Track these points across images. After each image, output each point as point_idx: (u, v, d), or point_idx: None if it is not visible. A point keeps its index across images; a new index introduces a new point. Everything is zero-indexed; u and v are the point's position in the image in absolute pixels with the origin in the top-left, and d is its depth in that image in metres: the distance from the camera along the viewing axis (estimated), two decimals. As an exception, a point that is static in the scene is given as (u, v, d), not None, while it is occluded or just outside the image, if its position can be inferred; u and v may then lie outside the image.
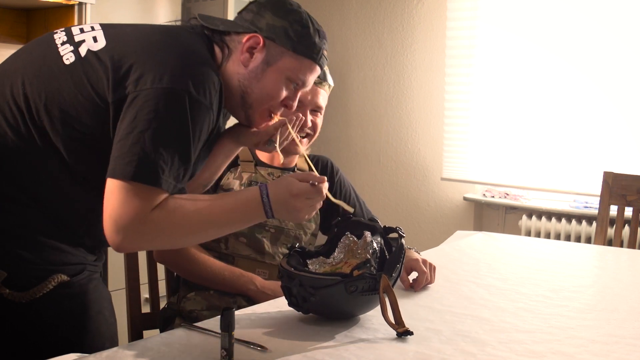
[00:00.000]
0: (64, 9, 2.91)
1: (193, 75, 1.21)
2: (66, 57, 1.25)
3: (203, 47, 1.30)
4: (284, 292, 1.34)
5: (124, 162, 1.15)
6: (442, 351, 1.18)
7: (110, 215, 1.15)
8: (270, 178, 1.84)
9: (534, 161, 3.32)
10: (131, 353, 1.13)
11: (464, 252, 2.08)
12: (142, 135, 1.15)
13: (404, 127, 3.80)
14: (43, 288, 1.24)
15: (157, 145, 1.16)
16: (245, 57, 1.32)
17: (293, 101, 1.39)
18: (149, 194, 1.16)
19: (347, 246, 1.43)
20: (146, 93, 1.17)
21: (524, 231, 3.35)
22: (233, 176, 1.81)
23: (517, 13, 3.32)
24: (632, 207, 2.48)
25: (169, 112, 1.17)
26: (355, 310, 1.33)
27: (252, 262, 1.76)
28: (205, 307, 1.70)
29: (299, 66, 1.33)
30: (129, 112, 1.17)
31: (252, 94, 1.34)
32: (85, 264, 1.32)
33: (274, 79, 1.33)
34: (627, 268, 2.02)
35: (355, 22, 3.93)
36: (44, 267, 1.25)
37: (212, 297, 1.73)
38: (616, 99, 3.10)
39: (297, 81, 1.35)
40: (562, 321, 1.39)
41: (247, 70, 1.32)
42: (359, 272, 1.27)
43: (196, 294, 1.74)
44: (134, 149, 1.15)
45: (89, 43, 1.26)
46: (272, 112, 1.39)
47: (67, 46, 1.27)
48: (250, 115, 1.38)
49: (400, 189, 3.82)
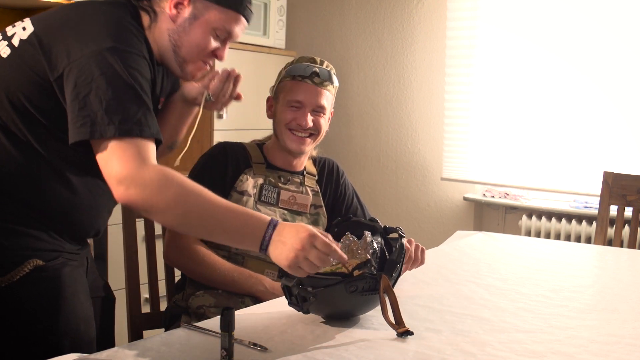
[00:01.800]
0: (64, 9, 2.91)
1: (114, 34, 1.29)
2: (3, 52, 1.34)
3: (124, 12, 1.37)
4: (284, 292, 1.34)
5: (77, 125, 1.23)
6: (442, 351, 1.18)
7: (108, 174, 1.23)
8: (280, 181, 1.85)
9: (534, 161, 3.32)
10: (131, 353, 1.13)
11: (464, 252, 2.08)
12: (88, 98, 1.23)
13: (404, 127, 3.80)
14: (19, 272, 1.31)
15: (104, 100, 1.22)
16: (173, 14, 1.40)
17: (222, 51, 1.47)
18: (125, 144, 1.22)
19: (347, 246, 1.43)
20: (78, 62, 1.25)
21: (524, 231, 3.35)
22: (246, 177, 1.81)
23: (517, 13, 3.32)
24: (632, 207, 2.48)
25: (103, 71, 1.24)
26: (355, 310, 1.33)
27: (262, 263, 1.75)
28: (214, 304, 1.69)
29: (224, 18, 1.41)
30: (68, 84, 1.25)
31: (183, 47, 1.42)
32: (62, 252, 1.38)
33: (201, 32, 1.41)
34: (627, 268, 2.02)
35: (355, 22, 3.93)
36: (20, 253, 1.32)
37: (220, 296, 1.72)
38: (616, 99, 3.10)
39: (224, 33, 1.44)
40: (562, 321, 1.39)
41: (176, 25, 1.41)
42: (359, 272, 1.27)
43: (205, 292, 1.73)
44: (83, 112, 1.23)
45: (19, 33, 1.34)
46: (205, 62, 1.47)
47: (2, 43, 1.36)
48: (184, 69, 1.45)
49: (400, 189, 3.82)
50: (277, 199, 1.83)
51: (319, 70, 1.83)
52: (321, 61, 1.88)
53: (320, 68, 1.84)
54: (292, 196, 1.85)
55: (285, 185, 1.85)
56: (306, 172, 1.92)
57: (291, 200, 1.84)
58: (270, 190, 1.82)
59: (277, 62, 3.64)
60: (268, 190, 1.82)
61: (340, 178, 1.98)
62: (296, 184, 1.87)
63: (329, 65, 1.89)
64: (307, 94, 1.82)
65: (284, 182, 1.85)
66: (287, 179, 1.86)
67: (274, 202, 1.82)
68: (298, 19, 4.10)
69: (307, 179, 1.91)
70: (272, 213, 1.79)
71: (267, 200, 1.82)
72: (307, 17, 4.09)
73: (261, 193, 1.81)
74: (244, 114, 3.45)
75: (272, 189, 1.82)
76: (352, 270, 1.28)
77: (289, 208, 1.83)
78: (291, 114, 1.83)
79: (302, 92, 1.82)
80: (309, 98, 1.82)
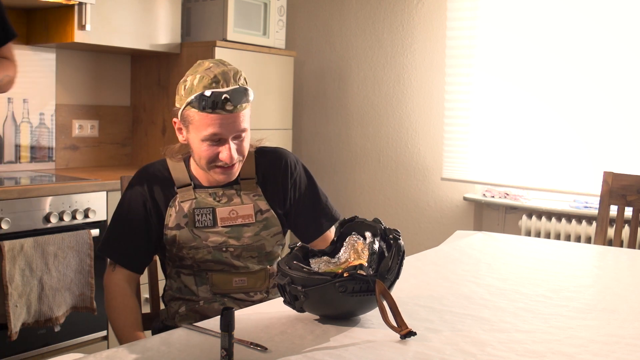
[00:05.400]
0: (64, 9, 2.91)
1: None
2: None
3: None
4: (279, 290, 1.34)
5: None
6: (442, 351, 1.18)
7: None
8: (214, 200, 1.69)
9: (534, 161, 3.32)
10: (131, 353, 1.13)
11: (464, 252, 2.08)
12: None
13: (404, 127, 3.80)
14: None
15: None
16: None
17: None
18: None
19: (352, 247, 1.43)
20: None
21: (524, 231, 3.35)
22: (174, 210, 1.68)
23: (517, 13, 3.32)
24: (632, 207, 2.48)
25: None
26: (350, 310, 1.33)
27: (227, 275, 1.70)
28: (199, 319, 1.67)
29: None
30: None
31: None
32: None
33: None
34: (627, 268, 2.02)
35: (355, 22, 3.93)
36: None
37: (201, 309, 1.69)
38: (616, 99, 3.10)
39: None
40: (562, 321, 1.39)
41: None
42: (347, 274, 1.26)
43: (186, 309, 1.71)
44: None
45: None
46: None
47: None
48: None
49: (400, 189, 3.82)
50: (214, 220, 1.67)
51: (229, 96, 1.55)
52: (225, 74, 1.57)
53: (232, 90, 1.56)
54: (232, 210, 1.68)
55: (220, 202, 1.69)
56: (241, 180, 1.72)
57: (232, 215, 1.68)
58: (204, 214, 1.67)
59: (277, 62, 3.64)
60: (200, 214, 1.66)
61: (294, 172, 1.78)
62: (233, 196, 1.70)
63: (238, 74, 1.60)
64: (223, 126, 1.57)
65: (218, 200, 1.69)
66: (221, 194, 1.70)
67: (212, 224, 1.67)
68: (298, 19, 4.10)
69: (245, 185, 1.72)
70: (214, 235, 1.67)
71: (202, 224, 1.66)
72: (307, 17, 4.09)
73: (194, 219, 1.66)
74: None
75: (205, 211, 1.67)
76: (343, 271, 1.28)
77: (232, 224, 1.68)
78: (210, 150, 1.60)
79: (217, 125, 1.56)
80: (227, 129, 1.58)
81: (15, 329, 2.37)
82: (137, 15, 3.14)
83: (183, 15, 3.44)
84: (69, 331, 2.63)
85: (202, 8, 3.41)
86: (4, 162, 3.05)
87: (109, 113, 3.52)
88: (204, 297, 1.71)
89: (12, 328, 2.36)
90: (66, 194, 2.61)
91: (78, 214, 2.63)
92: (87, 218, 2.67)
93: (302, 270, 1.31)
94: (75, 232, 2.58)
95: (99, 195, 2.73)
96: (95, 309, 2.61)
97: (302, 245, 1.43)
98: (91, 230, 2.64)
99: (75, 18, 2.87)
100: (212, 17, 3.37)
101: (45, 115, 3.20)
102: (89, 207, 2.68)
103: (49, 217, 2.53)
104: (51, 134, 3.23)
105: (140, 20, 3.16)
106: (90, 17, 2.89)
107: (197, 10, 3.43)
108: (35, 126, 3.16)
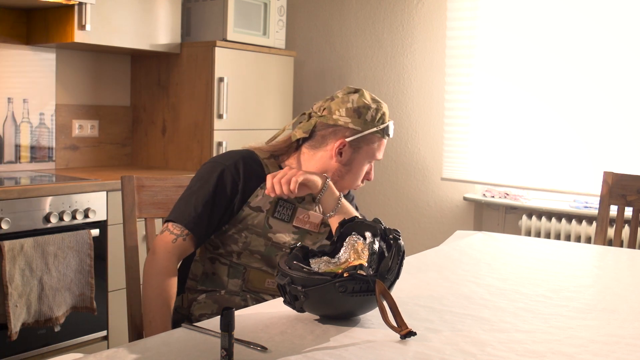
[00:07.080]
0: (64, 9, 2.91)
1: None
2: None
3: None
4: (279, 290, 1.34)
5: None
6: (442, 351, 1.18)
7: None
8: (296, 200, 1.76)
9: (534, 161, 3.32)
10: (131, 353, 1.13)
11: (464, 252, 2.08)
12: None
13: (404, 127, 3.80)
14: None
15: None
16: None
17: None
18: None
19: (352, 247, 1.43)
20: None
21: (524, 231, 3.35)
22: (262, 193, 1.72)
23: (517, 13, 3.32)
24: (632, 207, 2.47)
25: None
26: (350, 310, 1.33)
27: (263, 274, 1.74)
28: (216, 311, 1.69)
29: None
30: None
31: None
32: None
33: None
34: (627, 268, 2.02)
35: (355, 22, 3.93)
36: None
37: (222, 298, 1.71)
38: (616, 99, 3.10)
39: None
40: (562, 321, 1.39)
41: None
42: (347, 274, 1.26)
43: (207, 296, 1.72)
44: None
45: None
46: None
47: None
48: None
49: (400, 189, 3.82)
50: (291, 216, 1.75)
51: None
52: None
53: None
54: (306, 215, 1.77)
55: (301, 203, 1.77)
56: None
57: (305, 219, 1.77)
58: (286, 207, 1.75)
59: (277, 62, 3.64)
60: (283, 206, 1.75)
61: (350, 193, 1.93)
62: (311, 203, 1.79)
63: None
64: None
65: (299, 200, 1.77)
66: (302, 199, 1.78)
67: (288, 220, 1.75)
68: (298, 19, 4.10)
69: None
70: (283, 230, 1.74)
71: (280, 216, 1.74)
72: (307, 17, 4.09)
73: (275, 209, 1.74)
74: (244, 113, 3.45)
75: (288, 205, 1.75)
76: (343, 271, 1.28)
77: (301, 227, 1.76)
78: (367, 169, 1.81)
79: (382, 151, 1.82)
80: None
81: (15, 329, 2.37)
82: (137, 15, 3.14)
83: (183, 15, 3.45)
84: (69, 331, 2.63)
85: (202, 8, 3.41)
86: (4, 162, 3.05)
87: (109, 113, 3.52)
88: (231, 290, 1.73)
89: (12, 328, 2.36)
90: (66, 194, 2.62)
91: (78, 214, 2.64)
92: (87, 218, 2.67)
93: (302, 270, 1.31)
94: (75, 232, 2.58)
95: (99, 195, 2.73)
96: (95, 309, 2.61)
97: (302, 245, 1.43)
98: (91, 230, 2.64)
99: (75, 18, 2.88)
100: (212, 17, 3.37)
101: (45, 115, 3.20)
102: (89, 207, 2.68)
103: (49, 217, 2.54)
104: (51, 134, 3.23)
105: (140, 20, 3.16)
106: (90, 17, 2.89)
107: (197, 10, 3.43)
108: (35, 126, 3.16)
